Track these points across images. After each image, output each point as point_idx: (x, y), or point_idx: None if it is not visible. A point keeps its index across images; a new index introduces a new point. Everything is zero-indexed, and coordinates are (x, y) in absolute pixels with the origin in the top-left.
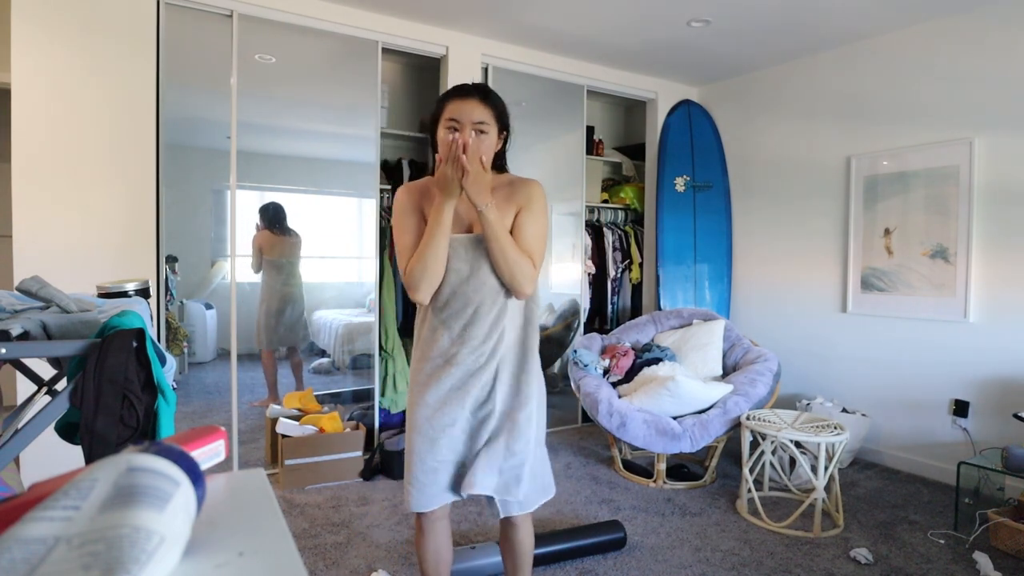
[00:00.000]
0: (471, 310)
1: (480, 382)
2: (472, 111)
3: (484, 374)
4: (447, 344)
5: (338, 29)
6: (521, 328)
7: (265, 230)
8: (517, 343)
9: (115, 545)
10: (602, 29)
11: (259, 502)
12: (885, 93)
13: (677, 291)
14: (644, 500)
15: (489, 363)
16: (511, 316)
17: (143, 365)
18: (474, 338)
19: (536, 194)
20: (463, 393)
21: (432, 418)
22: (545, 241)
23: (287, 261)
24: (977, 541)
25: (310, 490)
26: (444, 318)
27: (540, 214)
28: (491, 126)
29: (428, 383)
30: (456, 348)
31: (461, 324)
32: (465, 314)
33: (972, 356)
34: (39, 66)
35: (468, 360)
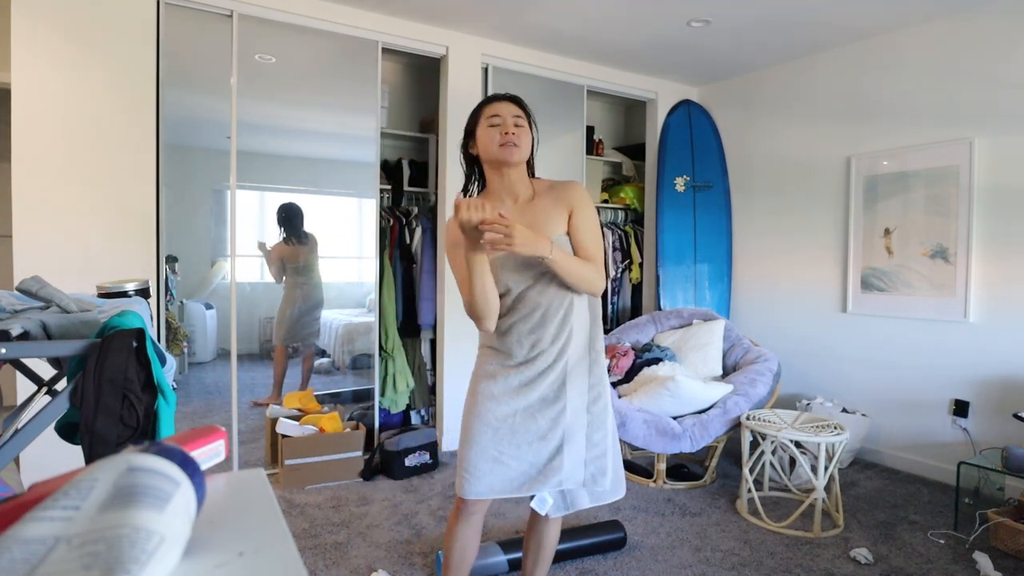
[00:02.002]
0: (539, 314)
1: (548, 380)
2: (510, 108)
3: (552, 373)
4: (516, 346)
5: (338, 29)
6: (589, 325)
7: (282, 243)
8: (586, 340)
9: (115, 545)
10: (602, 29)
11: (259, 502)
12: (885, 93)
13: (677, 291)
14: (644, 500)
15: (558, 362)
16: (578, 314)
17: (143, 365)
18: (543, 340)
19: (584, 195)
20: (529, 390)
21: (495, 409)
22: (601, 237)
23: (306, 264)
24: (977, 541)
25: (310, 490)
26: (513, 322)
27: (593, 213)
28: (526, 122)
29: (495, 376)
30: (525, 351)
31: (529, 327)
32: (533, 318)
33: (972, 356)
34: (39, 66)
35: (538, 361)
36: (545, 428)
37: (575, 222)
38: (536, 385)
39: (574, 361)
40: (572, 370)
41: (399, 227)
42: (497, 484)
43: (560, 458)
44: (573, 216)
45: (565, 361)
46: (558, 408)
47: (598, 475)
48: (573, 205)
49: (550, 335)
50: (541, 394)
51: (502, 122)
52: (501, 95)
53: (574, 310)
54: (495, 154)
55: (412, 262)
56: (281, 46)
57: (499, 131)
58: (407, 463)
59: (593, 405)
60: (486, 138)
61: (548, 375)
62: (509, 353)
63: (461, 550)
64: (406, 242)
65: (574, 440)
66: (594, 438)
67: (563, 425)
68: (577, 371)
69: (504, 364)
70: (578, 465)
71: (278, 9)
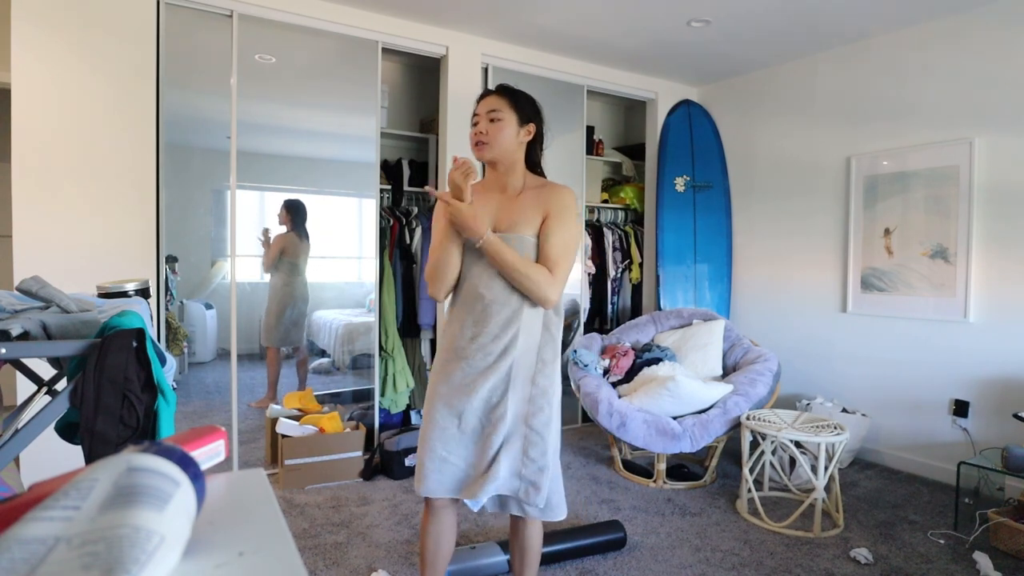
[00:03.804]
0: (480, 306)
1: (489, 383)
2: (487, 103)
3: (493, 375)
4: (459, 338)
5: (338, 29)
6: (539, 336)
7: (292, 232)
8: (533, 350)
9: (115, 545)
10: (602, 29)
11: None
12: (885, 93)
13: (677, 291)
14: (644, 500)
15: (499, 364)
16: (527, 321)
17: (143, 365)
18: (483, 335)
19: (567, 201)
20: (471, 390)
21: (443, 410)
22: (574, 249)
23: (298, 262)
24: (977, 541)
25: (310, 490)
26: (459, 312)
27: (569, 222)
28: (506, 113)
29: (440, 373)
30: (466, 343)
31: (472, 319)
32: (475, 310)
33: (972, 356)
34: (39, 66)
35: (476, 357)
36: (488, 432)
37: (545, 227)
38: (479, 385)
39: (518, 367)
40: (516, 376)
41: (399, 227)
42: (445, 482)
43: (496, 466)
44: (546, 220)
45: (509, 365)
46: (499, 413)
47: (531, 490)
48: (549, 210)
49: (491, 332)
50: (484, 397)
51: (478, 121)
52: (488, 90)
53: (522, 315)
54: (472, 152)
55: (412, 262)
56: (281, 46)
57: (474, 131)
58: (407, 463)
59: (533, 418)
60: (470, 135)
61: (490, 376)
62: (452, 337)
63: (434, 545)
64: (406, 242)
65: (511, 449)
66: (531, 454)
67: (502, 432)
68: (520, 378)
69: (448, 358)
70: (512, 475)
71: (278, 9)
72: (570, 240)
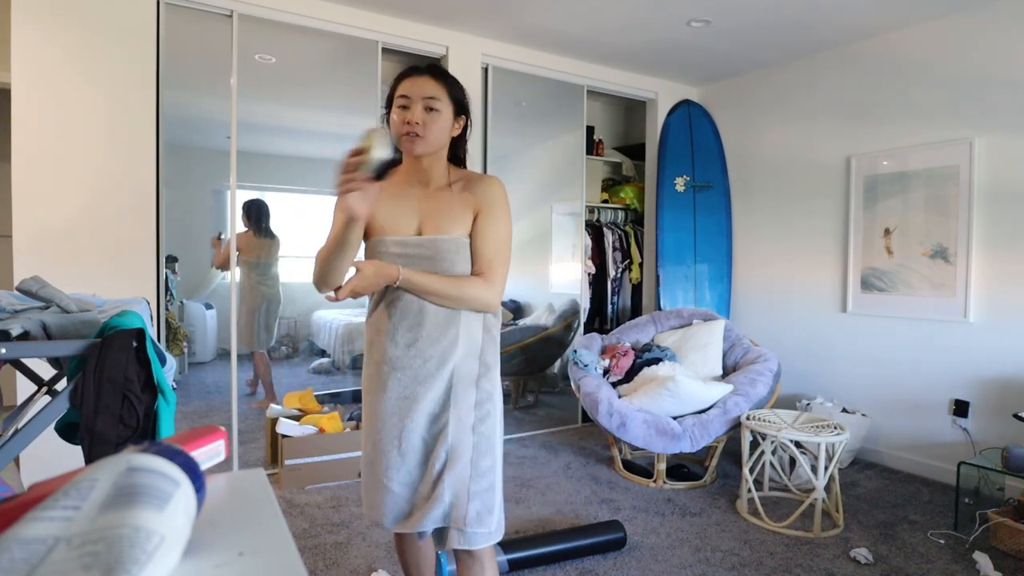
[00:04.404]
0: (416, 308)
1: (431, 392)
2: (423, 86)
3: (435, 384)
4: (391, 347)
5: (338, 29)
6: (480, 339)
7: (249, 232)
8: (474, 355)
9: (115, 545)
10: (602, 29)
11: (259, 502)
12: (885, 93)
13: (677, 291)
14: (644, 500)
15: (440, 371)
16: (466, 324)
17: (143, 365)
18: (421, 340)
19: (497, 194)
20: (411, 402)
21: (382, 429)
22: (509, 246)
23: (260, 262)
24: (977, 541)
25: (310, 490)
26: (387, 319)
27: (502, 217)
28: (444, 103)
29: (374, 390)
30: (402, 352)
31: (406, 324)
32: (409, 312)
33: (972, 356)
34: (39, 66)
35: (415, 364)
36: (429, 448)
37: (478, 225)
38: (421, 396)
39: (460, 372)
40: (458, 382)
41: None
42: (389, 513)
43: (441, 486)
44: (478, 217)
45: (451, 371)
46: (442, 423)
47: (484, 513)
48: (480, 205)
49: (429, 336)
50: (427, 409)
51: (409, 106)
52: (419, 67)
53: (461, 316)
54: (399, 143)
55: None
56: (281, 46)
57: (404, 117)
58: None
59: (481, 424)
60: (394, 122)
61: (431, 385)
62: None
63: (415, 566)
64: None
65: (457, 464)
66: (481, 465)
67: (445, 445)
68: (464, 383)
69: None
70: (461, 497)
71: (278, 9)
72: (505, 236)
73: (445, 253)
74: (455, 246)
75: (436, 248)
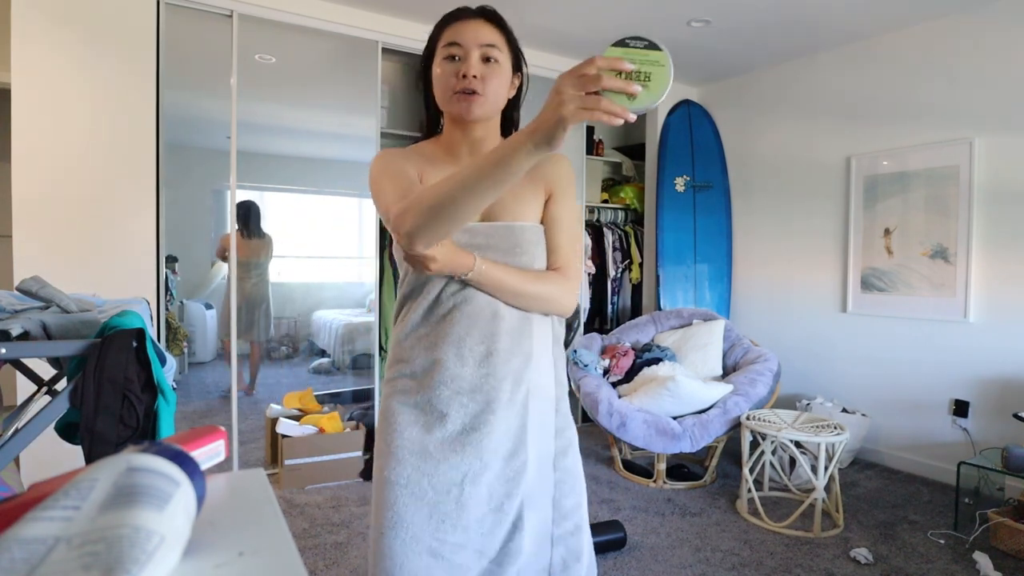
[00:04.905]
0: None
1: (505, 423)
2: (479, 32)
3: (510, 411)
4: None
5: (338, 29)
6: (551, 350)
7: (238, 234)
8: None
9: (115, 545)
10: (602, 29)
11: (259, 502)
12: (885, 93)
13: (677, 291)
14: (644, 500)
15: (515, 394)
16: (539, 332)
17: (143, 365)
18: (496, 353)
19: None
20: (480, 437)
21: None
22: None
23: (250, 262)
24: (977, 541)
25: (310, 490)
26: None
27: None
28: (503, 53)
29: (421, 422)
30: (472, 370)
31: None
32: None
33: (972, 356)
34: (39, 66)
35: (487, 386)
36: (500, 496)
37: (552, 211)
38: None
39: (537, 393)
40: (535, 407)
41: None
42: None
43: (519, 538)
44: (552, 202)
45: (525, 392)
46: (517, 464)
47: (570, 560)
48: (554, 188)
49: (504, 348)
50: (500, 445)
51: (463, 56)
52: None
53: (533, 320)
54: (448, 105)
55: None
56: (281, 46)
57: (456, 70)
58: None
59: (563, 457)
60: (440, 78)
61: (505, 413)
62: (440, 363)
63: None
64: None
65: (536, 508)
66: (565, 506)
67: (522, 489)
68: (541, 408)
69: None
70: (543, 545)
71: (278, 9)
72: (577, 225)
73: (526, 244)
74: (536, 236)
75: (515, 238)
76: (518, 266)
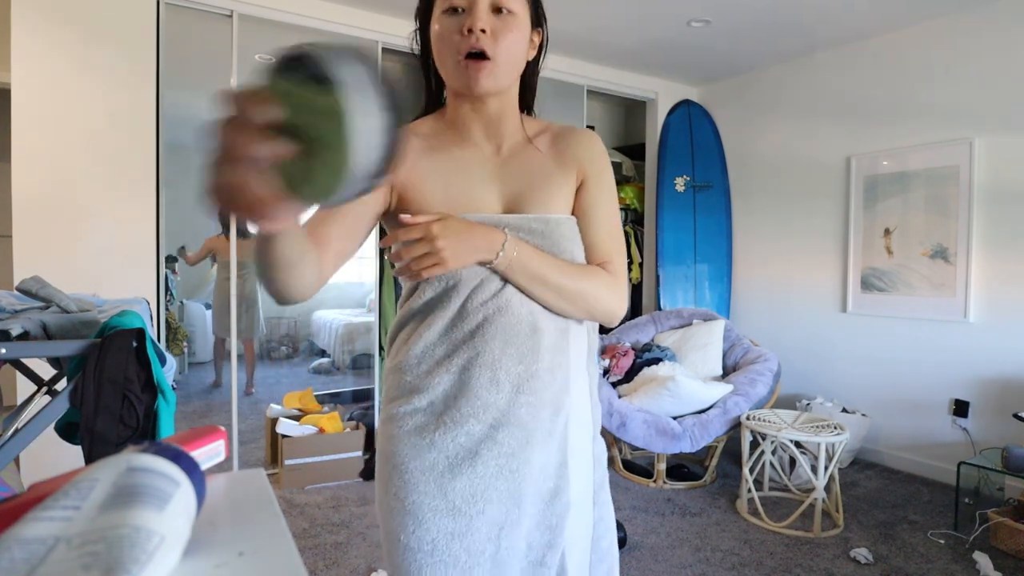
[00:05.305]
0: (528, 323)
1: (545, 458)
2: None
3: (550, 444)
4: (493, 390)
5: (338, 29)
6: (587, 361)
7: (222, 235)
8: (586, 391)
9: (115, 545)
10: (602, 29)
11: (259, 502)
12: (885, 93)
13: (677, 291)
14: (644, 500)
15: (554, 424)
16: (576, 345)
17: (143, 365)
18: (536, 377)
19: (604, 154)
20: (519, 480)
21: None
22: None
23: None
24: (977, 541)
25: (310, 490)
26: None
27: (613, 183)
28: (520, 3)
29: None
30: (508, 398)
31: (516, 352)
32: (519, 332)
33: (972, 356)
34: (39, 66)
35: (525, 417)
36: (541, 547)
37: (587, 200)
38: (531, 469)
39: (576, 420)
40: (574, 437)
41: None
42: None
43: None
44: (586, 187)
45: (564, 421)
46: (559, 508)
47: None
48: (587, 171)
49: (546, 370)
50: (537, 486)
51: (467, 6)
52: None
53: (570, 335)
54: (451, 75)
55: None
56: (281, 46)
57: (459, 25)
58: None
59: (601, 491)
60: (440, 37)
61: (544, 449)
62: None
63: None
64: None
65: (576, 553)
66: (602, 547)
67: (565, 537)
68: (581, 435)
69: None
70: None
71: (278, 9)
72: (618, 216)
73: (560, 239)
74: (572, 231)
75: (550, 232)
76: None
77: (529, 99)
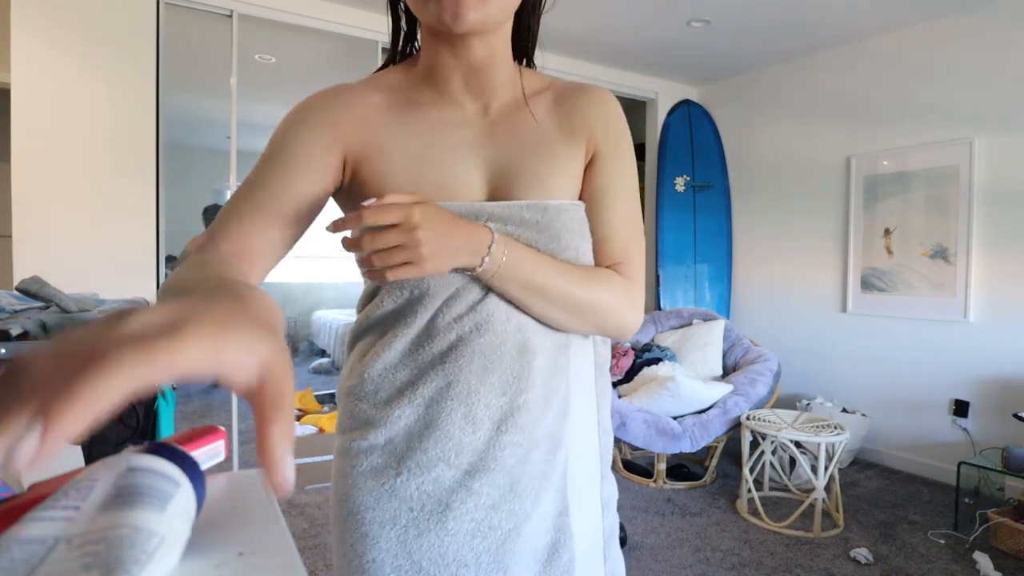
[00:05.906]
0: (515, 343)
1: (539, 509)
2: None
3: (544, 492)
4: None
5: (338, 29)
6: (594, 389)
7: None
8: (592, 422)
9: (115, 545)
10: (602, 29)
11: (259, 502)
12: (885, 93)
13: (677, 291)
14: (644, 500)
15: (551, 465)
16: (577, 365)
17: None
18: (524, 410)
19: (622, 121)
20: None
21: None
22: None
23: None
24: (977, 541)
25: (310, 490)
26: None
27: (632, 160)
28: None
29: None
30: (487, 437)
31: (499, 380)
32: (504, 355)
33: (972, 356)
34: (39, 66)
35: (509, 460)
36: None
37: (599, 179)
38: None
39: (579, 456)
40: (577, 476)
41: None
42: None
43: None
44: (599, 163)
45: (563, 460)
46: (559, 568)
47: None
48: (599, 142)
49: (539, 400)
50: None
51: None
52: None
53: (570, 353)
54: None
55: None
56: (281, 46)
57: None
58: None
59: (611, 542)
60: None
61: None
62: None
63: None
64: None
65: None
66: None
67: None
68: (585, 475)
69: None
70: None
71: (278, 9)
72: (637, 201)
73: (562, 233)
74: (578, 221)
75: (548, 223)
76: None
77: (529, 46)
